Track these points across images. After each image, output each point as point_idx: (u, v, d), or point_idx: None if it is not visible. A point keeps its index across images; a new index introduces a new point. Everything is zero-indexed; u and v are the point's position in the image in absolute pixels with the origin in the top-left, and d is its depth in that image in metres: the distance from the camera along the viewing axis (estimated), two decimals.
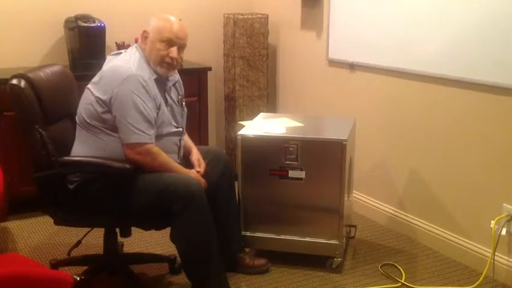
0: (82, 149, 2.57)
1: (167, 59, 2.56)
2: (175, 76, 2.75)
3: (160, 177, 2.48)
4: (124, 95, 2.44)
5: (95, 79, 2.58)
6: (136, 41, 2.68)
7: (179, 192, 2.42)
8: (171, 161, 2.57)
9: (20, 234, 3.40)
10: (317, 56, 3.96)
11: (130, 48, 2.66)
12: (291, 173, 2.88)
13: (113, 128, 2.50)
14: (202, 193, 2.46)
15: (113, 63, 2.56)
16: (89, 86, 2.59)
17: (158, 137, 2.56)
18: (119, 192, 2.46)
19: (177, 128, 2.67)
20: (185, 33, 2.62)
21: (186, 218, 2.42)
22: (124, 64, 2.52)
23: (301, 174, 2.87)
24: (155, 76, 2.57)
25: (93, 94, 2.53)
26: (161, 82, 2.62)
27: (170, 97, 2.69)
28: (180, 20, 2.65)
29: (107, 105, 2.48)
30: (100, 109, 2.50)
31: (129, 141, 2.46)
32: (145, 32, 2.60)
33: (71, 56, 3.85)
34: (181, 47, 2.60)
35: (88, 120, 2.54)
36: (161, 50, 2.55)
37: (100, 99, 2.50)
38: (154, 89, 2.54)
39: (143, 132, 2.45)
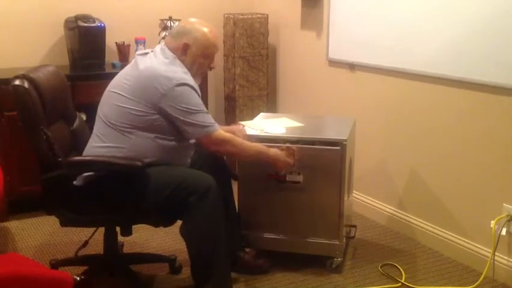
0: (108, 149, 2.55)
1: (206, 70, 2.72)
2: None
3: (175, 172, 2.51)
4: (181, 98, 2.48)
5: (126, 81, 2.55)
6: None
7: (195, 185, 2.44)
8: (249, 146, 2.72)
9: (20, 234, 3.40)
10: (317, 56, 3.96)
11: (159, 49, 2.62)
12: (289, 177, 2.88)
13: (149, 128, 2.51)
14: (216, 187, 2.49)
15: (152, 67, 2.53)
16: (116, 90, 2.56)
17: (186, 144, 2.62)
18: (133, 189, 2.47)
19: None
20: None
21: (200, 210, 2.44)
22: (167, 68, 2.52)
23: (299, 178, 2.87)
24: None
25: (128, 97, 2.51)
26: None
27: None
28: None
29: (153, 108, 2.48)
30: (140, 111, 2.50)
31: (205, 135, 2.56)
32: (186, 44, 2.58)
33: (71, 56, 3.85)
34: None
35: (121, 121, 2.52)
36: (204, 64, 2.64)
37: (140, 102, 2.49)
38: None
39: (211, 123, 2.57)
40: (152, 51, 2.65)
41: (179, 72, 2.54)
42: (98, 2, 4.00)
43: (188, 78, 2.54)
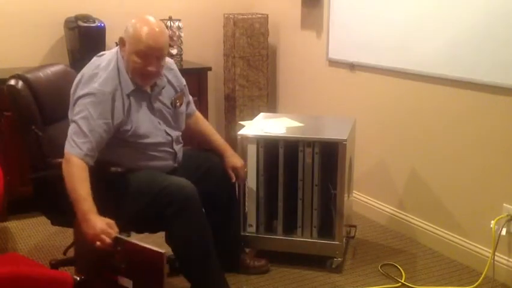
0: None
1: (144, 71, 2.43)
2: (163, 79, 2.61)
3: (154, 180, 2.45)
4: (77, 106, 2.39)
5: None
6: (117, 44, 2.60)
7: (173, 196, 2.38)
8: (79, 188, 2.25)
9: (20, 234, 3.40)
10: (317, 56, 3.95)
11: (114, 50, 2.55)
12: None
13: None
14: (196, 196, 2.42)
15: (85, 72, 2.48)
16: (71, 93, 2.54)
17: (143, 147, 2.53)
18: (112, 194, 2.43)
19: (168, 135, 2.60)
20: (163, 41, 2.43)
21: (181, 222, 2.40)
22: (93, 74, 2.44)
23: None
24: (132, 88, 2.47)
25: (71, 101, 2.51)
26: (142, 91, 2.52)
27: (160, 102, 2.60)
28: (159, 22, 2.49)
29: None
30: None
31: (65, 150, 2.35)
32: (121, 39, 2.45)
33: (71, 56, 3.85)
34: (159, 57, 2.44)
35: None
36: (136, 62, 2.41)
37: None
38: (117, 102, 2.41)
39: (76, 144, 2.33)
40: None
41: (97, 82, 2.40)
42: (98, 2, 4.00)
43: (102, 88, 2.38)
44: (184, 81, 2.76)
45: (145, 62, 2.41)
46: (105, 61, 2.50)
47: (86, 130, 2.33)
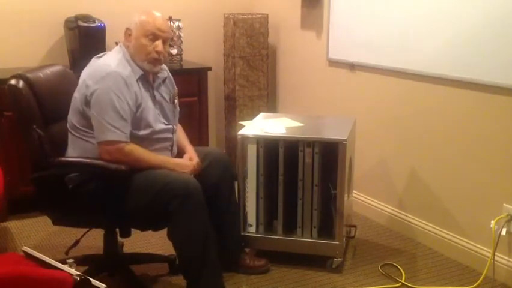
0: (72, 152, 2.58)
1: (154, 54, 2.56)
2: (164, 72, 2.74)
3: (156, 177, 2.48)
4: (102, 93, 2.44)
5: (78, 84, 2.57)
6: (117, 44, 2.67)
7: (176, 191, 2.41)
8: (150, 154, 2.53)
9: (20, 234, 3.40)
10: (317, 56, 3.96)
11: (114, 49, 2.65)
12: None
13: None
14: (199, 191, 2.46)
15: (93, 65, 2.56)
16: (74, 93, 2.57)
17: (145, 135, 2.55)
18: (115, 192, 2.45)
19: (167, 125, 2.65)
20: (167, 26, 2.66)
21: (183, 216, 2.43)
22: (103, 63, 2.54)
23: None
24: (140, 74, 2.56)
25: (78, 100, 2.53)
26: (147, 80, 2.61)
27: (160, 94, 2.67)
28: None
29: (88, 105, 2.48)
30: (86, 113, 2.49)
31: (104, 139, 2.44)
32: (127, 29, 2.59)
33: (71, 56, 3.85)
34: (165, 40, 2.61)
35: (76, 125, 2.54)
36: (146, 45, 2.55)
37: (83, 102, 2.49)
38: (135, 87, 2.51)
39: (119, 129, 2.44)
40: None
41: (112, 65, 2.50)
42: (98, 2, 4.00)
43: (120, 70, 2.49)
44: (176, 89, 2.82)
45: (153, 42, 2.56)
46: (109, 55, 2.59)
47: (122, 113, 2.43)
